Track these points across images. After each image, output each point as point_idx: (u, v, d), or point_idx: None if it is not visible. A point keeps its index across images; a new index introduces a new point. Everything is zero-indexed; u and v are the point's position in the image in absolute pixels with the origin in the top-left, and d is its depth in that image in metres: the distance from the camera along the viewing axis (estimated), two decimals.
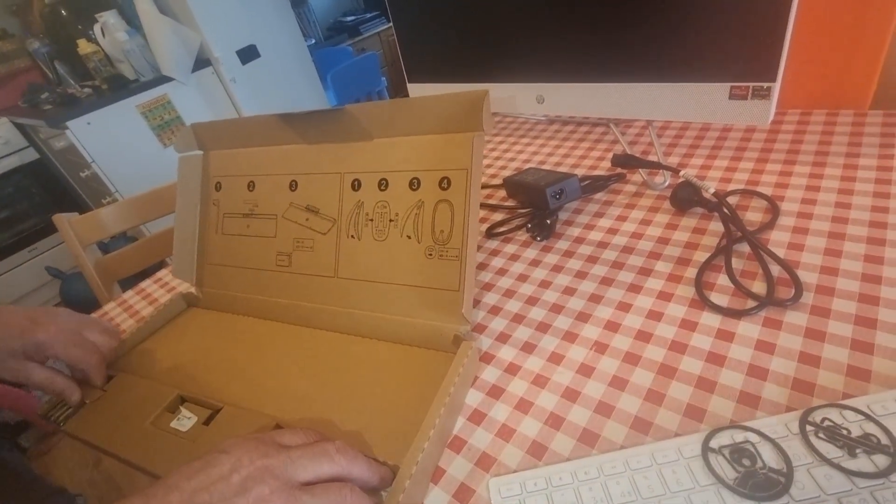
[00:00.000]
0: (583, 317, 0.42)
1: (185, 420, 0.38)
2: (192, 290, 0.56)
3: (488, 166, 0.72)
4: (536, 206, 0.56)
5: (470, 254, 0.38)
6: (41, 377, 0.43)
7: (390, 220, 0.43)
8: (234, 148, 0.53)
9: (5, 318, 0.43)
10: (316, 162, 0.47)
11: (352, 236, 0.45)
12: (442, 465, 0.34)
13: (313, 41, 2.95)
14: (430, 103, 0.39)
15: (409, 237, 0.42)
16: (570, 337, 0.41)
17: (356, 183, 0.45)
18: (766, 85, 0.46)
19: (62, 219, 0.89)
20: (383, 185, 0.43)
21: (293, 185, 0.49)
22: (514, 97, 0.65)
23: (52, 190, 2.12)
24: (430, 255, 0.40)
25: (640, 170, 0.58)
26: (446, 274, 0.40)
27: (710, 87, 0.49)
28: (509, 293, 0.47)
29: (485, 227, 0.58)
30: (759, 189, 0.49)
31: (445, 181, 0.40)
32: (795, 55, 0.48)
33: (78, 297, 1.93)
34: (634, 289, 0.43)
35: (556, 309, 0.44)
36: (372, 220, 0.44)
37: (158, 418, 0.39)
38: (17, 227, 2.04)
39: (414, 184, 0.41)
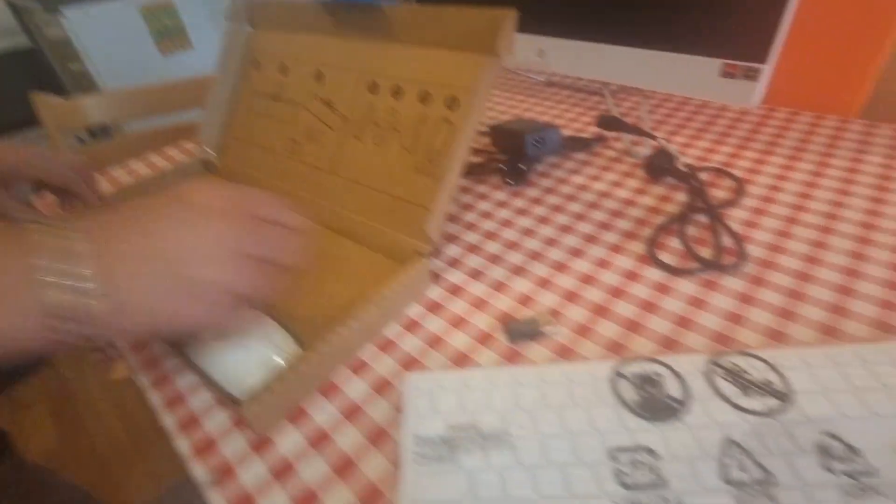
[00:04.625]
0: (535, 256, 0.43)
1: None
2: (212, 157, 0.59)
3: None
4: (516, 153, 0.56)
5: (451, 177, 0.38)
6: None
7: (394, 129, 0.44)
8: (277, 30, 0.55)
9: None
10: (343, 57, 0.49)
11: (356, 137, 0.47)
12: (368, 362, 0.35)
13: None
14: (456, 16, 0.40)
15: (406, 149, 0.43)
16: (518, 271, 0.42)
17: (373, 86, 0.46)
18: (756, 66, 0.46)
19: (42, 99, 0.86)
20: (396, 93, 0.44)
21: (319, 77, 0.50)
22: (515, 47, 0.64)
23: (40, 81, 2.04)
24: (418, 169, 0.42)
25: (623, 137, 0.58)
26: (425, 191, 0.41)
27: (704, 61, 0.49)
28: (470, 226, 0.48)
29: None
30: (733, 171, 0.50)
31: (452, 101, 0.40)
32: (791, 57, 0.48)
33: None
34: (590, 239, 0.44)
35: (512, 245, 0.45)
36: (378, 125, 0.45)
37: None
38: None
39: (423, 97, 0.42)
